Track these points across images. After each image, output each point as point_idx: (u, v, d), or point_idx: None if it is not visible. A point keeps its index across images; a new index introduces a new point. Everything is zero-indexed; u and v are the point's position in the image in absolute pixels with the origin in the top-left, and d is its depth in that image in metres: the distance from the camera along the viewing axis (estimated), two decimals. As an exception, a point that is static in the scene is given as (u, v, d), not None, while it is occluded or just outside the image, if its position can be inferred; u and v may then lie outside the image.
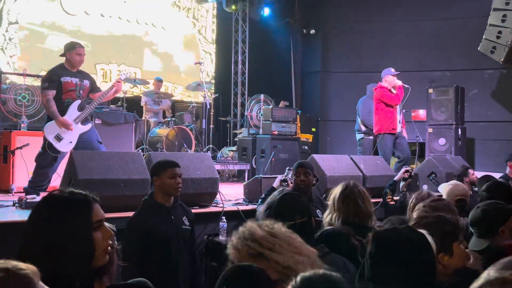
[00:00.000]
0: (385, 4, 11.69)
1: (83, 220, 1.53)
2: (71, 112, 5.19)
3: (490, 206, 2.69)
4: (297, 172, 4.28)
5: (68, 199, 1.55)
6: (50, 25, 9.23)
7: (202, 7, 11.59)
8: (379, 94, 7.63)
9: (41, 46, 9.10)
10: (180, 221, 3.58)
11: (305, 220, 2.44)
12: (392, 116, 7.57)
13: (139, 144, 8.30)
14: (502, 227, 2.56)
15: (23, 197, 4.59)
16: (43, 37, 9.13)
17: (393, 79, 7.64)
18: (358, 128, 8.62)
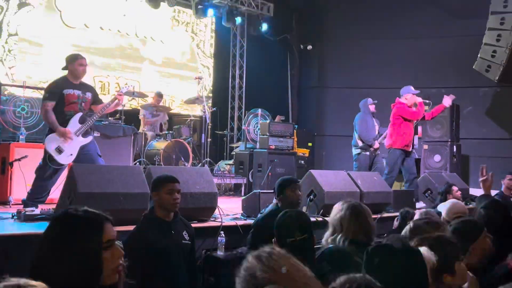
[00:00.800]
0: (382, 21, 11.83)
1: (94, 239, 1.56)
2: (73, 125, 5.21)
3: (460, 225, 2.75)
4: (293, 188, 4.24)
5: (81, 217, 1.58)
6: (50, 37, 9.28)
7: (201, 21, 11.68)
8: (399, 109, 7.68)
9: (40, 58, 9.13)
10: (181, 236, 3.60)
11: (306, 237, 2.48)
12: (408, 133, 7.62)
13: (137, 156, 8.31)
14: (473, 245, 2.62)
15: (22, 210, 4.59)
16: (42, 49, 9.17)
17: (413, 97, 7.71)
18: (355, 144, 8.67)
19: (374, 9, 11.79)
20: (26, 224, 4.31)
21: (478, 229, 2.73)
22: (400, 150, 7.62)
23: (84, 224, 1.58)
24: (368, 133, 8.46)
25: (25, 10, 8.99)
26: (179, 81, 11.28)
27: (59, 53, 9.25)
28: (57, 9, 9.42)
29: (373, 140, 8.45)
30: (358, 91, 11.59)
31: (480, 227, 2.76)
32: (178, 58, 11.37)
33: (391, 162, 7.73)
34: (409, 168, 7.71)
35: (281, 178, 4.38)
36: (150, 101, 9.44)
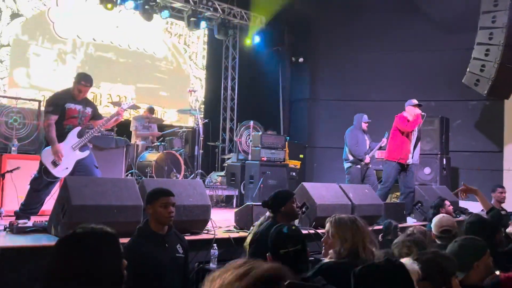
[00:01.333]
0: (373, 35, 11.96)
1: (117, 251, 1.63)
2: (71, 139, 5.22)
3: (467, 241, 2.80)
4: (293, 200, 4.11)
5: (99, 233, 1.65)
6: (41, 48, 9.28)
7: (193, 33, 11.75)
8: (397, 121, 7.79)
9: (32, 69, 9.12)
10: (174, 249, 3.61)
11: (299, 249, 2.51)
12: (404, 146, 7.65)
13: (129, 168, 8.31)
14: (477, 262, 2.67)
15: (14, 222, 4.57)
16: (34, 60, 9.16)
17: (413, 109, 7.81)
18: (345, 157, 8.72)
19: (365, 22, 11.93)
20: (19, 236, 4.30)
21: (483, 247, 2.77)
22: (395, 162, 7.67)
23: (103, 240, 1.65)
24: (359, 148, 8.51)
25: (18, 21, 9.00)
26: (171, 93, 11.30)
27: (51, 64, 9.27)
28: (49, 20, 9.43)
29: (364, 155, 8.51)
30: (349, 104, 11.69)
31: (485, 245, 2.80)
32: (171, 70, 11.40)
33: (386, 173, 7.82)
34: (406, 182, 7.75)
35: (279, 191, 4.23)
36: (143, 113, 9.46)
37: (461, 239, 2.87)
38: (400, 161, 7.64)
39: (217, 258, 4.56)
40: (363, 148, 8.59)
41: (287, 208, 4.02)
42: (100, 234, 1.66)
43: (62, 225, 4.24)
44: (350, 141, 8.59)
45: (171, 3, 10.42)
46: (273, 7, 11.85)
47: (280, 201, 4.06)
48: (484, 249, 2.77)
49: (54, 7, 9.49)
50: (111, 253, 1.63)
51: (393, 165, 7.67)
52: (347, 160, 8.66)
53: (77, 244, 1.61)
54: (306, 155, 12.14)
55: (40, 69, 9.19)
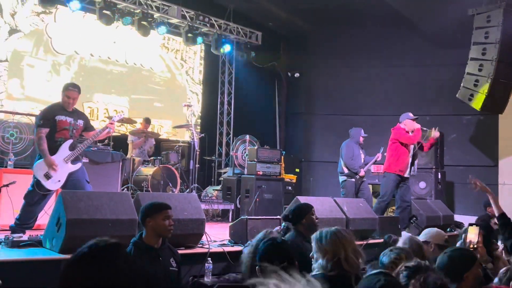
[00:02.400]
0: (367, 50, 12.10)
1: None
2: (62, 151, 5.26)
3: (456, 252, 2.86)
4: (312, 213, 4.40)
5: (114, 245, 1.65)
6: (39, 63, 9.35)
7: (190, 49, 11.85)
8: (396, 133, 7.79)
9: (30, 84, 9.17)
10: (168, 263, 3.64)
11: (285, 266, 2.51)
12: (403, 158, 7.67)
13: (125, 182, 8.33)
14: (467, 273, 2.71)
15: (9, 236, 4.59)
16: (32, 75, 9.23)
17: (412, 123, 7.84)
18: (340, 171, 8.77)
19: (360, 38, 12.08)
20: (14, 250, 4.31)
21: (473, 258, 2.83)
22: (395, 174, 7.65)
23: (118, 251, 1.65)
24: (354, 161, 8.57)
25: (16, 37, 9.08)
26: (168, 108, 11.37)
27: (48, 79, 9.34)
28: (47, 35, 9.52)
29: (359, 168, 8.56)
30: (345, 118, 11.78)
31: (474, 256, 2.88)
32: (167, 84, 11.48)
33: (384, 186, 7.79)
34: (403, 195, 7.71)
35: (298, 205, 4.53)
36: (139, 127, 9.51)
37: (450, 250, 2.91)
38: (399, 173, 7.64)
39: (212, 272, 4.58)
40: (358, 161, 8.65)
41: (308, 220, 4.30)
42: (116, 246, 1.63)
43: (57, 239, 4.26)
44: (345, 154, 8.66)
45: (168, 19, 10.53)
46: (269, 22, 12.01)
47: (301, 214, 4.31)
48: (474, 259, 2.82)
49: (52, 23, 9.58)
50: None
51: (392, 177, 7.66)
52: (342, 173, 8.72)
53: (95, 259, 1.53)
54: (302, 169, 12.19)
55: (38, 84, 9.25)
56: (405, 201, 7.68)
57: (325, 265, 2.72)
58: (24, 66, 9.18)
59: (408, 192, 7.80)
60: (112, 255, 1.55)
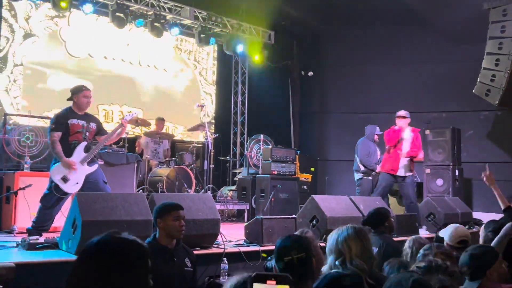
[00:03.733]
0: (381, 46, 11.99)
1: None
2: (77, 154, 5.29)
3: (477, 250, 2.85)
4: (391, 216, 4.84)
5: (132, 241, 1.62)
6: (54, 67, 9.44)
7: (203, 49, 11.86)
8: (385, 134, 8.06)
9: (44, 87, 9.27)
10: (183, 263, 3.62)
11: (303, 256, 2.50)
12: (393, 158, 7.79)
13: (140, 184, 8.36)
14: (490, 269, 2.71)
15: (26, 238, 4.62)
16: (46, 78, 9.32)
17: (397, 120, 8.01)
18: (356, 168, 8.71)
19: (374, 35, 11.98)
20: (31, 252, 4.34)
21: (495, 255, 2.82)
22: (386, 173, 7.85)
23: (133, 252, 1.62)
24: (370, 158, 8.53)
25: (30, 41, 9.16)
26: (182, 109, 11.39)
27: (63, 82, 9.42)
28: (61, 39, 9.59)
29: (375, 165, 8.51)
30: (359, 116, 11.70)
31: (496, 253, 2.86)
32: (181, 86, 11.51)
33: (378, 185, 8.04)
34: (404, 194, 7.94)
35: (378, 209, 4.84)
36: (153, 128, 9.53)
37: (471, 248, 2.91)
38: (390, 172, 7.80)
39: (227, 272, 4.56)
40: (374, 158, 8.60)
41: (389, 223, 4.62)
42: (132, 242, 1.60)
43: (73, 241, 4.28)
44: (361, 151, 8.60)
45: (180, 20, 10.55)
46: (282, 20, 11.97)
47: (383, 218, 4.64)
48: (496, 256, 2.80)
49: (66, 27, 9.65)
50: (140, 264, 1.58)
51: (384, 176, 7.90)
52: (358, 171, 8.65)
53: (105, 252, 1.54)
54: (317, 168, 12.12)
55: (52, 87, 9.33)
56: (407, 199, 7.85)
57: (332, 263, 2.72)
58: (39, 70, 9.26)
59: (408, 190, 7.81)
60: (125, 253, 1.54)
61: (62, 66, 9.56)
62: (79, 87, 5.51)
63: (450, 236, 4.05)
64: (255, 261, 5.00)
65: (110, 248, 1.56)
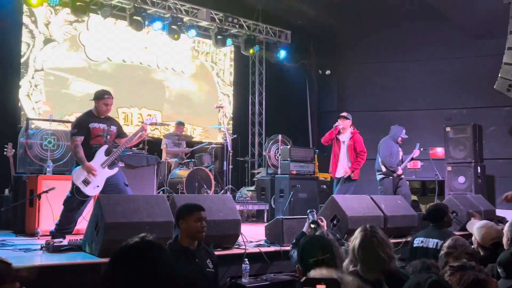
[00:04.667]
0: (399, 43, 11.88)
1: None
2: (99, 157, 5.36)
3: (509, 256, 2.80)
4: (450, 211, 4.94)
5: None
6: (74, 71, 9.56)
7: (220, 51, 11.90)
8: None
9: (64, 92, 9.40)
10: (204, 264, 3.63)
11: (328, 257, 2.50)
12: (331, 159, 7.95)
13: (160, 185, 8.41)
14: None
15: (50, 241, 4.69)
16: (67, 82, 9.44)
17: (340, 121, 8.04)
18: (378, 168, 8.55)
19: (391, 32, 11.87)
20: (55, 255, 4.40)
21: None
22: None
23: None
24: (392, 159, 8.35)
25: (50, 46, 9.30)
26: (200, 110, 11.44)
27: (83, 86, 9.54)
28: (80, 44, 9.71)
29: (396, 166, 8.35)
30: (378, 114, 11.61)
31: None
32: (199, 87, 11.56)
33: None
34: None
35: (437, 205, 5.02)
36: (173, 130, 9.60)
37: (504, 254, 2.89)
38: (331, 175, 7.80)
39: (249, 273, 4.57)
40: (396, 159, 8.43)
41: (449, 218, 4.77)
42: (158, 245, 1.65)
43: (96, 243, 4.32)
44: (383, 151, 8.42)
45: (197, 22, 10.60)
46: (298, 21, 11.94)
47: (442, 213, 4.75)
48: None
49: (85, 31, 9.77)
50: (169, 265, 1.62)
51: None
52: (379, 171, 8.50)
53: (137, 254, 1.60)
54: (336, 167, 12.03)
55: (72, 91, 9.45)
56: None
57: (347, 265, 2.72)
58: (59, 75, 9.38)
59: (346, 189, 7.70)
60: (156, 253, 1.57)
61: (81, 70, 9.67)
62: (102, 94, 5.55)
63: (482, 236, 3.85)
64: (276, 261, 5.00)
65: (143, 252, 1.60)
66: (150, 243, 1.61)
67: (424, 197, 10.81)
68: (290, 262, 4.51)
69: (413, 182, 10.36)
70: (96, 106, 5.49)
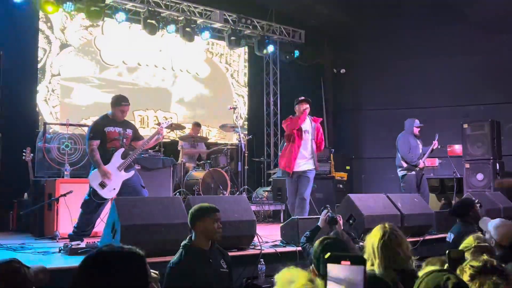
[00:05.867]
0: (414, 40, 11.78)
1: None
2: (115, 160, 5.42)
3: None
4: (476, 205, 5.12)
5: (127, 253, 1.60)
6: (90, 75, 9.67)
7: (234, 52, 11.92)
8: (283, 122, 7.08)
9: (81, 96, 9.50)
10: (219, 264, 3.64)
11: None
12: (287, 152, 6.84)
13: (177, 187, 8.47)
14: None
15: (68, 244, 4.75)
16: (83, 87, 9.55)
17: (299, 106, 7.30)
18: (399, 164, 8.41)
19: (405, 29, 11.77)
20: (73, 257, 4.46)
21: None
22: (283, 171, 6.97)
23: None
24: (412, 153, 8.22)
25: (67, 51, 9.42)
26: (215, 112, 11.47)
27: (99, 90, 9.64)
28: (96, 48, 9.82)
29: (417, 160, 8.20)
30: (394, 112, 11.52)
31: None
32: (214, 89, 11.60)
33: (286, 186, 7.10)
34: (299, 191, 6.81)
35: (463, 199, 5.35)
36: (188, 132, 9.65)
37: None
38: (287, 170, 6.71)
39: (265, 273, 4.57)
40: (416, 153, 8.28)
41: (474, 212, 4.89)
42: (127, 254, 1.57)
43: (113, 245, 4.37)
44: (401, 147, 8.29)
45: (211, 24, 10.64)
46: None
47: (468, 207, 4.93)
48: None
49: (100, 36, 9.88)
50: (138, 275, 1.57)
51: (285, 173, 6.90)
52: (400, 167, 8.34)
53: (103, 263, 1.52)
54: (353, 166, 11.97)
55: (89, 95, 9.56)
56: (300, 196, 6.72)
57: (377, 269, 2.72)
58: (76, 79, 9.50)
59: (302, 184, 6.73)
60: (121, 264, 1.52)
61: (97, 74, 9.78)
62: (119, 100, 5.63)
63: (503, 235, 3.78)
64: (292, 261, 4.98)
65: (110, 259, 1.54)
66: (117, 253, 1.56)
67: (443, 195, 10.69)
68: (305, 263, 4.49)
69: (432, 180, 10.23)
70: (112, 111, 5.56)
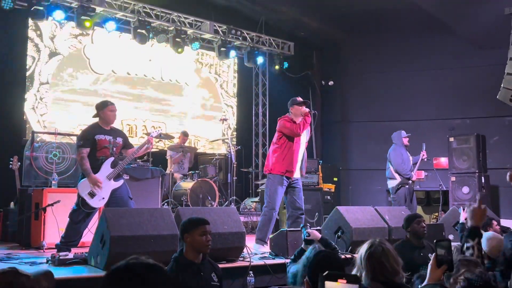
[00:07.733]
0: (402, 54, 11.93)
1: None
2: (105, 169, 5.39)
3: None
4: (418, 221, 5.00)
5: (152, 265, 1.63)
6: (79, 84, 9.63)
7: (223, 63, 11.97)
8: (280, 125, 6.63)
9: (70, 105, 9.46)
10: (209, 278, 3.64)
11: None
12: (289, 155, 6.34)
13: (165, 197, 8.44)
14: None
15: (56, 254, 4.71)
16: (72, 96, 9.51)
17: (299, 108, 6.80)
18: (390, 176, 8.50)
19: (394, 42, 11.93)
20: (60, 268, 4.42)
21: None
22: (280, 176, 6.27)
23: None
24: (405, 166, 8.33)
25: (56, 59, 9.38)
26: (204, 122, 11.49)
27: (88, 99, 9.60)
28: (85, 56, 9.80)
29: (410, 172, 8.33)
30: (382, 124, 11.63)
31: None
32: (203, 99, 11.61)
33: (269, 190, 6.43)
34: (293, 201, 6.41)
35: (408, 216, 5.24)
36: (176, 141, 9.65)
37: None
38: (286, 175, 6.23)
39: (254, 286, 4.57)
40: (408, 165, 8.42)
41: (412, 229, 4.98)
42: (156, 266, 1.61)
43: (101, 256, 4.35)
44: (395, 160, 8.38)
45: (201, 35, 10.69)
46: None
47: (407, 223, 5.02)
48: None
49: (90, 44, 9.86)
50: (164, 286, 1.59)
51: (277, 178, 6.24)
52: (392, 179, 8.42)
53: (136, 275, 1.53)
54: (340, 177, 12.04)
55: (77, 104, 9.51)
56: (296, 209, 6.32)
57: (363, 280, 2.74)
58: (64, 88, 9.46)
59: (298, 197, 6.39)
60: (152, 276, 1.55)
61: (86, 83, 9.74)
62: (104, 102, 5.65)
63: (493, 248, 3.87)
64: (281, 273, 4.99)
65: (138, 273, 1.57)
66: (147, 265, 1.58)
67: (429, 207, 10.80)
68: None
69: (418, 192, 10.34)
70: (102, 116, 5.53)
